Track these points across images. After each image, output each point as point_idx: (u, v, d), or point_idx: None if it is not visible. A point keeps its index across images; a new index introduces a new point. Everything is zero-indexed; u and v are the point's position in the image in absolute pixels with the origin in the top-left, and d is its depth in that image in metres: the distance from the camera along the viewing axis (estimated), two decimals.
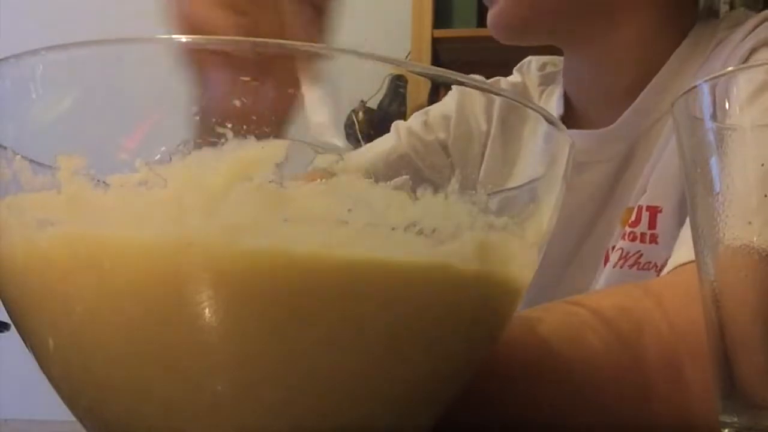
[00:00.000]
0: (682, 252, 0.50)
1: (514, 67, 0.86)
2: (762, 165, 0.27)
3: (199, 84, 0.26)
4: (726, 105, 0.29)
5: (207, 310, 0.25)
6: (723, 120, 0.29)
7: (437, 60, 1.87)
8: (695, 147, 0.30)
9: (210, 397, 0.26)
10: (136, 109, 0.27)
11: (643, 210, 0.68)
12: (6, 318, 0.29)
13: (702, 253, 0.30)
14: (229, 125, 0.25)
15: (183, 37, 0.26)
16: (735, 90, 0.29)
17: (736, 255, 0.28)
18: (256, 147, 0.25)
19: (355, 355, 0.26)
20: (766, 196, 0.27)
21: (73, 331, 0.27)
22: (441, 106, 0.77)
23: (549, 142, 0.32)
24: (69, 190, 0.26)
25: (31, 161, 0.27)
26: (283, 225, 0.25)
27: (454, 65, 1.80)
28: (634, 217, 0.68)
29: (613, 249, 0.70)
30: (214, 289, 0.25)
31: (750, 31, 0.67)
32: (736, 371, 0.28)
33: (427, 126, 0.77)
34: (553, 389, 0.42)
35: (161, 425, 0.27)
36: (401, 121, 0.77)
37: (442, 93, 0.32)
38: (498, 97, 0.32)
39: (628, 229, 0.68)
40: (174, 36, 0.26)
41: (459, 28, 1.89)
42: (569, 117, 0.76)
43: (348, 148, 0.31)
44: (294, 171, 0.26)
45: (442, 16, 1.88)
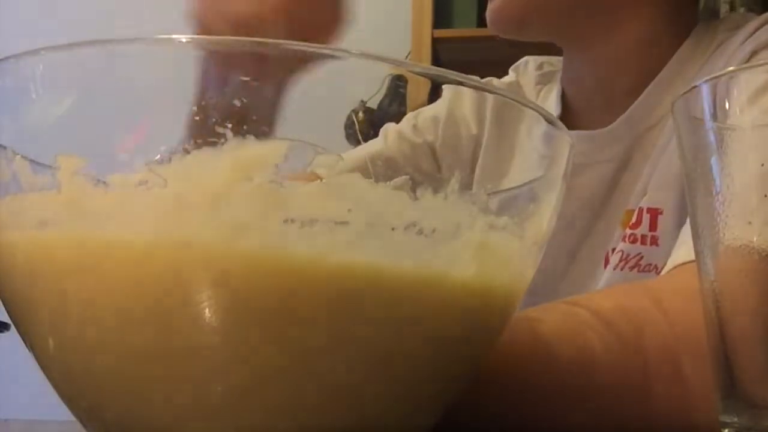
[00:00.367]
0: (681, 252, 0.50)
1: None
2: (762, 165, 0.27)
3: (201, 83, 0.26)
4: (726, 105, 0.29)
5: (207, 310, 0.25)
6: (723, 120, 0.29)
7: (437, 60, 1.87)
8: (695, 147, 0.30)
9: (210, 398, 0.26)
10: (136, 109, 0.27)
11: (644, 212, 0.68)
12: (6, 318, 0.29)
13: (702, 253, 0.30)
14: (229, 125, 0.25)
15: (183, 37, 0.26)
16: (735, 90, 0.29)
17: (736, 255, 0.28)
18: (256, 147, 0.25)
19: (355, 356, 0.26)
20: (766, 196, 0.27)
21: (73, 331, 0.27)
22: (432, 108, 0.76)
23: (549, 141, 0.32)
24: (69, 190, 0.26)
25: (31, 161, 0.27)
26: (283, 225, 0.25)
27: (454, 65, 1.79)
28: (634, 219, 0.68)
29: (614, 251, 0.70)
30: (213, 290, 0.25)
31: (750, 34, 0.67)
32: (736, 371, 0.28)
33: (417, 129, 0.77)
34: (553, 390, 0.42)
35: (161, 425, 0.27)
36: (391, 125, 0.75)
37: (442, 93, 0.31)
38: (491, 97, 0.32)
39: (628, 231, 0.68)
40: (174, 36, 0.26)
41: (459, 28, 1.89)
42: (567, 117, 0.76)
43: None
44: (294, 171, 0.26)
45: (442, 16, 1.88)
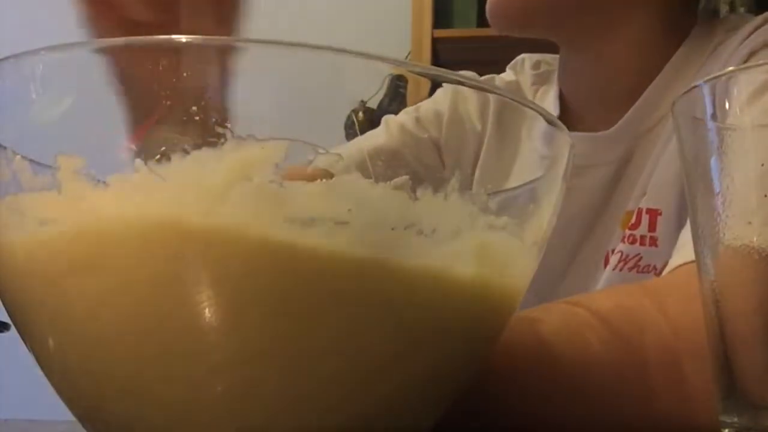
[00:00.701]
0: (682, 252, 0.50)
1: None
2: (762, 165, 0.27)
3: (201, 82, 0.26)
4: (726, 105, 0.29)
5: (207, 310, 0.25)
6: (723, 120, 0.29)
7: (437, 60, 1.87)
8: (695, 147, 0.30)
9: (210, 398, 0.26)
10: (135, 109, 0.27)
11: (644, 213, 0.68)
12: (6, 318, 0.29)
13: (702, 253, 0.30)
14: (229, 125, 0.25)
15: (183, 38, 0.26)
16: (735, 90, 0.29)
17: (736, 255, 0.28)
18: (256, 147, 0.25)
19: (355, 356, 0.26)
20: (765, 196, 0.27)
21: (73, 331, 0.27)
22: (432, 103, 0.76)
23: (549, 142, 0.32)
24: (69, 190, 0.26)
25: (31, 161, 0.27)
26: (283, 225, 0.25)
27: (454, 65, 1.80)
28: (634, 220, 0.68)
29: (613, 252, 0.70)
30: (213, 290, 0.25)
31: (748, 35, 0.67)
32: (736, 371, 0.28)
33: (420, 123, 0.76)
34: (553, 390, 0.42)
35: (161, 425, 0.27)
36: (391, 116, 0.74)
37: (442, 86, 0.31)
38: (493, 96, 0.32)
39: (628, 232, 0.68)
40: (174, 36, 0.26)
41: (459, 28, 1.89)
42: (565, 118, 0.76)
43: None
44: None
45: (442, 16, 1.89)
